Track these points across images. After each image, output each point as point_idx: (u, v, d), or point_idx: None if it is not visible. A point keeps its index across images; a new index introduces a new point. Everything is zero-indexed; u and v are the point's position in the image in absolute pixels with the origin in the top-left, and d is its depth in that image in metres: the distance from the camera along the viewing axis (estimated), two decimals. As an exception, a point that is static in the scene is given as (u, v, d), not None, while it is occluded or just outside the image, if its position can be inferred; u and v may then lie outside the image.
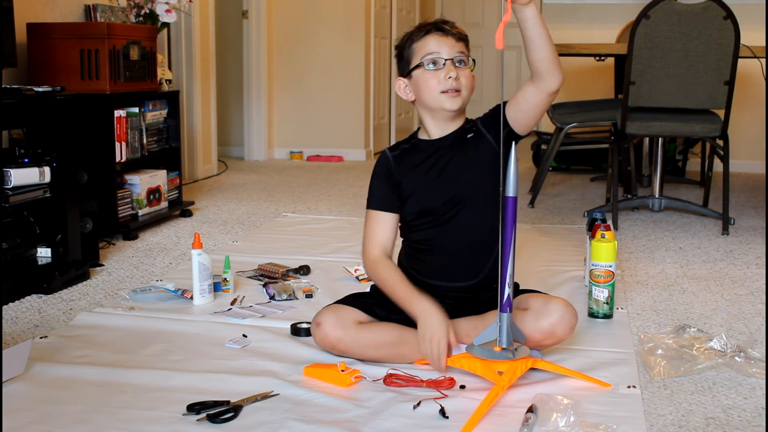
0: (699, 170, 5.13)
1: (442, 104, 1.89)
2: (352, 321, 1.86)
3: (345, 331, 1.84)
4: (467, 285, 1.94)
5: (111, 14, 3.69)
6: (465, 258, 1.92)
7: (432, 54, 1.87)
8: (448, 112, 1.90)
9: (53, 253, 2.64)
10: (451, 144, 1.92)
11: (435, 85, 1.88)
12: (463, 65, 1.89)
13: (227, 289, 2.46)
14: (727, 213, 3.51)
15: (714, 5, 3.32)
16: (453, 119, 1.93)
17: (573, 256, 2.96)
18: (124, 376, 1.80)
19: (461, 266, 1.93)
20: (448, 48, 1.87)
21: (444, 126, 1.94)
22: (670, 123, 3.54)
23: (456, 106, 1.88)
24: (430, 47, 1.88)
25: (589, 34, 5.72)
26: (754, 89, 5.19)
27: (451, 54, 1.87)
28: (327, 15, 5.83)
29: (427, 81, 1.89)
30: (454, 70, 1.86)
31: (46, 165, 2.60)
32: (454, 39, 1.88)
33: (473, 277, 1.93)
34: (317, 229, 3.46)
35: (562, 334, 1.83)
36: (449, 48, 1.87)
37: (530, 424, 1.55)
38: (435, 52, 1.87)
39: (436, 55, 1.87)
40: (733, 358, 1.90)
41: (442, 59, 1.87)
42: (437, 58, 1.87)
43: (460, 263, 1.93)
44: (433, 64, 1.88)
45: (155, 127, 3.62)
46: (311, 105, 5.93)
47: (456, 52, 1.88)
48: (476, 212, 1.89)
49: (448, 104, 1.88)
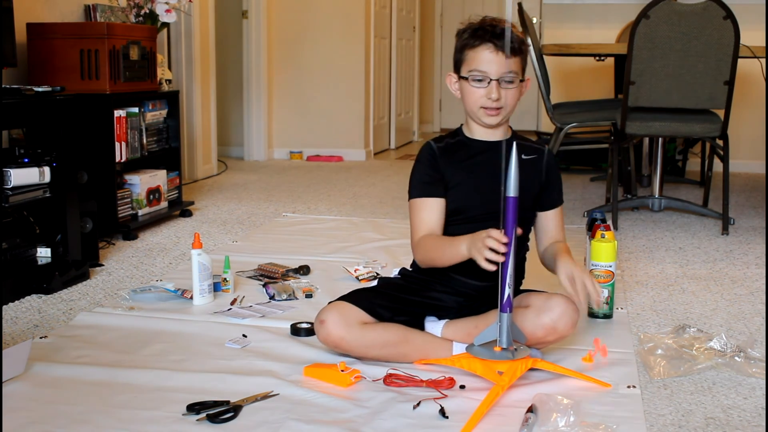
0: (699, 170, 5.13)
1: (480, 118, 1.89)
2: (356, 320, 1.85)
3: (348, 330, 1.83)
4: (483, 285, 1.92)
5: (111, 14, 3.69)
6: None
7: (479, 71, 1.85)
8: (486, 125, 1.90)
9: (53, 253, 2.64)
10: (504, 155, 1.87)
11: (477, 99, 1.87)
12: (510, 85, 1.86)
13: (227, 289, 2.46)
14: (727, 213, 3.51)
15: (714, 5, 3.32)
16: (495, 128, 1.93)
17: (573, 256, 2.95)
18: (124, 376, 1.80)
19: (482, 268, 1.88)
20: (497, 66, 1.83)
21: (488, 132, 1.94)
22: (670, 123, 3.54)
23: (494, 122, 1.89)
24: (479, 63, 1.84)
25: (589, 34, 5.72)
26: (754, 89, 5.19)
27: (499, 74, 1.84)
28: (327, 15, 5.83)
29: (471, 94, 1.88)
30: (497, 91, 1.84)
31: (46, 165, 2.60)
32: (506, 56, 1.83)
33: (492, 279, 1.90)
34: (317, 229, 3.46)
35: (564, 330, 1.83)
36: (498, 66, 1.83)
37: (530, 424, 1.55)
38: (482, 72, 1.85)
39: (483, 74, 1.85)
40: (733, 358, 1.90)
41: (488, 78, 1.85)
42: (483, 75, 1.85)
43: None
44: (478, 81, 1.86)
45: (155, 127, 3.62)
46: (311, 105, 5.93)
47: (505, 71, 1.84)
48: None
49: (486, 120, 1.89)
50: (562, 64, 5.76)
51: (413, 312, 1.94)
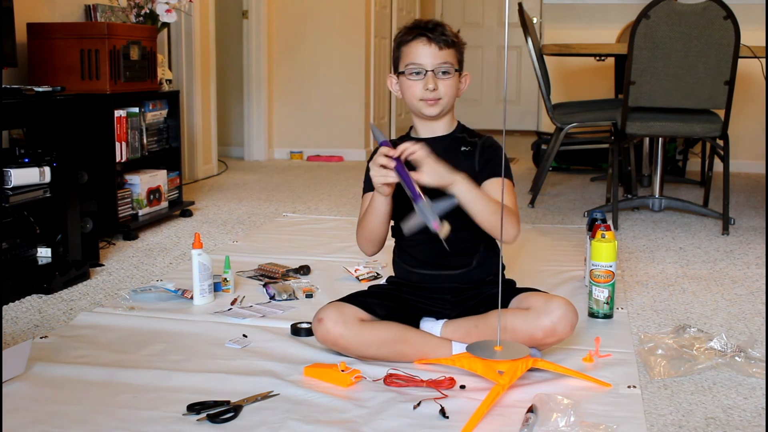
0: (699, 170, 5.13)
1: (421, 110, 1.95)
2: (354, 318, 1.86)
3: (347, 328, 1.84)
4: (462, 273, 1.97)
5: (111, 14, 3.69)
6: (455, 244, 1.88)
7: (414, 64, 1.92)
8: (427, 117, 1.95)
9: (53, 253, 2.64)
10: (444, 149, 1.92)
11: (415, 93, 1.93)
12: (445, 75, 1.91)
13: (227, 289, 2.46)
14: (727, 213, 3.51)
15: (714, 5, 3.32)
16: (436, 121, 1.98)
17: (573, 256, 2.96)
18: (124, 376, 1.80)
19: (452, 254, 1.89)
20: (432, 58, 1.90)
21: (429, 126, 1.99)
22: (670, 123, 3.54)
23: (434, 112, 1.94)
24: (414, 56, 1.92)
25: (589, 34, 5.72)
26: (754, 89, 5.19)
27: (433, 65, 1.91)
28: (327, 15, 5.83)
29: (409, 88, 1.95)
30: (433, 82, 1.90)
31: (46, 165, 2.60)
32: (439, 47, 1.90)
33: (467, 264, 1.97)
34: (317, 229, 3.46)
35: (563, 332, 1.83)
36: (432, 58, 1.90)
37: (530, 424, 1.55)
38: (417, 64, 1.91)
39: (419, 67, 1.91)
40: (733, 358, 1.90)
41: (423, 70, 1.91)
42: (419, 68, 1.91)
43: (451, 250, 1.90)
44: (415, 74, 1.92)
45: (155, 127, 3.62)
46: (311, 105, 5.93)
47: (439, 62, 1.90)
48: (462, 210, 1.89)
49: (426, 111, 1.94)
50: (562, 64, 5.76)
51: (408, 312, 1.96)
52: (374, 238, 1.97)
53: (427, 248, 1.96)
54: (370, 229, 1.95)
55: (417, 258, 2.01)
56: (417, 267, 2.01)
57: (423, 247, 1.98)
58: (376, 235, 1.96)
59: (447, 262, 1.97)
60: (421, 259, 2.00)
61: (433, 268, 1.99)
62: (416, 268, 2.01)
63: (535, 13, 7.00)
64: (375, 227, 1.93)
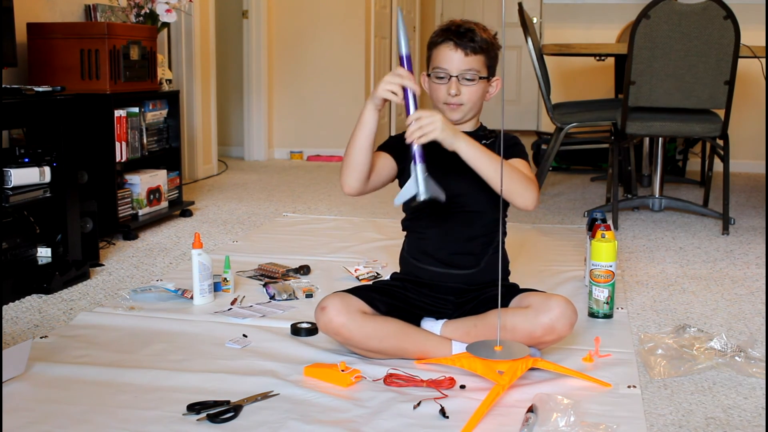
0: (699, 170, 5.13)
1: (444, 113, 1.94)
2: (356, 310, 1.86)
3: (350, 317, 1.84)
4: (469, 273, 1.98)
5: (111, 14, 3.69)
6: (466, 244, 1.97)
7: (440, 68, 1.94)
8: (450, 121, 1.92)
9: (53, 253, 2.64)
10: None
11: (439, 96, 1.96)
12: (470, 82, 1.92)
13: (227, 289, 2.46)
14: (727, 213, 3.51)
15: (714, 5, 3.32)
16: (460, 125, 1.98)
17: (573, 256, 2.96)
18: (124, 376, 1.80)
19: (462, 252, 1.97)
20: (458, 64, 1.92)
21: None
22: (670, 123, 3.54)
23: (456, 117, 1.96)
24: (440, 60, 1.94)
25: (589, 34, 5.72)
26: (754, 89, 5.19)
27: (458, 70, 1.92)
28: (327, 15, 5.83)
29: (434, 90, 1.97)
30: (456, 87, 1.91)
31: (46, 165, 2.60)
32: (465, 53, 1.91)
33: (474, 264, 1.98)
34: (317, 229, 3.46)
35: (562, 330, 1.83)
36: (459, 64, 1.92)
37: (530, 424, 1.55)
38: (442, 68, 1.93)
39: (444, 71, 1.93)
40: (733, 358, 1.90)
41: (448, 74, 1.92)
42: (444, 73, 1.93)
43: (461, 249, 1.97)
44: (440, 78, 1.94)
45: (155, 127, 3.62)
46: (311, 105, 5.93)
47: (464, 69, 1.92)
48: (478, 204, 1.94)
49: (449, 114, 1.95)
50: (563, 64, 5.76)
51: (409, 311, 1.96)
52: (355, 163, 1.86)
53: (439, 244, 1.98)
54: (355, 148, 1.84)
55: (427, 253, 2.00)
56: (426, 263, 2.00)
57: (434, 242, 1.98)
58: (357, 159, 1.85)
59: (456, 261, 1.98)
60: (431, 254, 2.00)
61: (441, 265, 1.98)
62: (425, 265, 2.00)
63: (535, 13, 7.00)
64: (359, 146, 1.83)
